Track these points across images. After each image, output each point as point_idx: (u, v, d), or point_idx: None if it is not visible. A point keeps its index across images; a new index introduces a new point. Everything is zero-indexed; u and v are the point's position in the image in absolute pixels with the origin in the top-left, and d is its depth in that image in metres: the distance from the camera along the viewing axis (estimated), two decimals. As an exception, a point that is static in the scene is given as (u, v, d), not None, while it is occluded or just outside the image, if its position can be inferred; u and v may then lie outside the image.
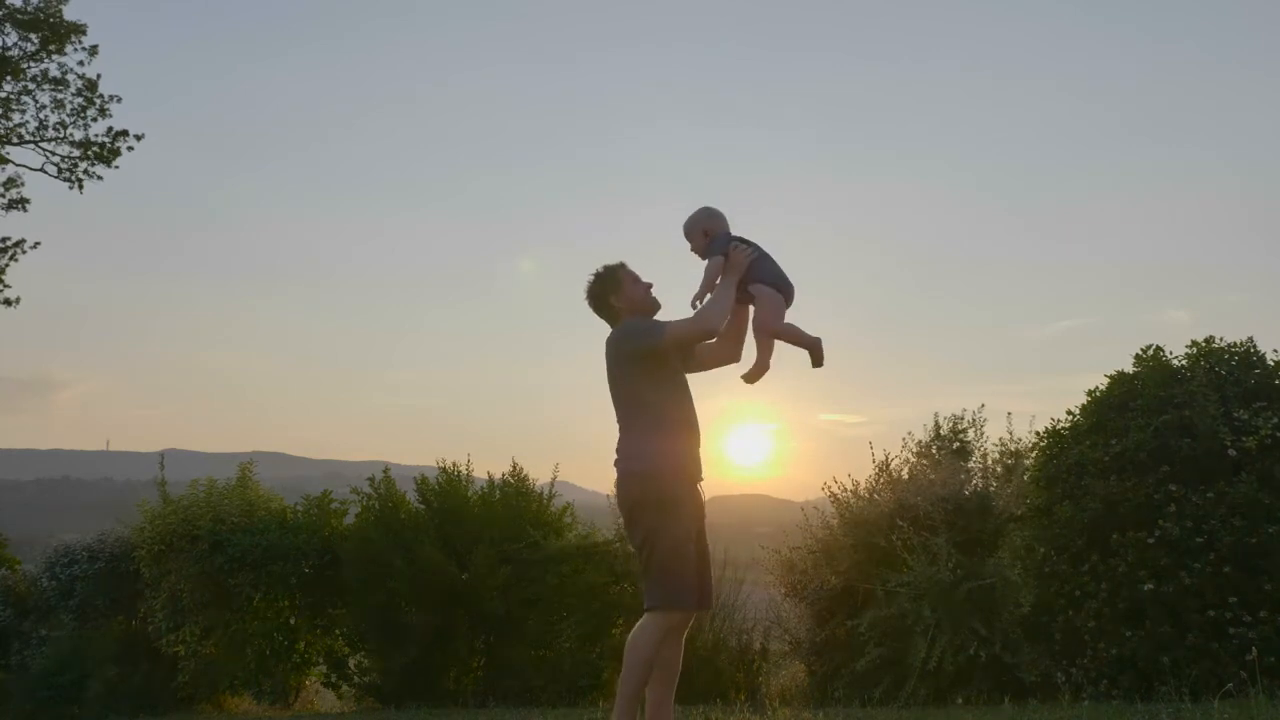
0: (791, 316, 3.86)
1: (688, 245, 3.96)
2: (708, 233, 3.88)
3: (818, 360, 3.80)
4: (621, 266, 4.01)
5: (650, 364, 3.78)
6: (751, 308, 3.88)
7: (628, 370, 3.80)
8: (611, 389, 3.86)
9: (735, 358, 3.98)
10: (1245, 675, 5.01)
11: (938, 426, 7.74)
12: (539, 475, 8.41)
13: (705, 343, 3.89)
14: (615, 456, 3.84)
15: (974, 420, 7.76)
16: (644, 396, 3.76)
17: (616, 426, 3.84)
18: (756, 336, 3.87)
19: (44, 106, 14.36)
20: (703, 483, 3.86)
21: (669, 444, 3.75)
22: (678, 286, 4.07)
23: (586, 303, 4.01)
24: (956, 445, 7.59)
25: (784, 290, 3.84)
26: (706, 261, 3.86)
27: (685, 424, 3.80)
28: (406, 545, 7.79)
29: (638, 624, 3.75)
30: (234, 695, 8.60)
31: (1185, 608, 5.49)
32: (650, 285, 3.97)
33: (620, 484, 3.80)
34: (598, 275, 3.99)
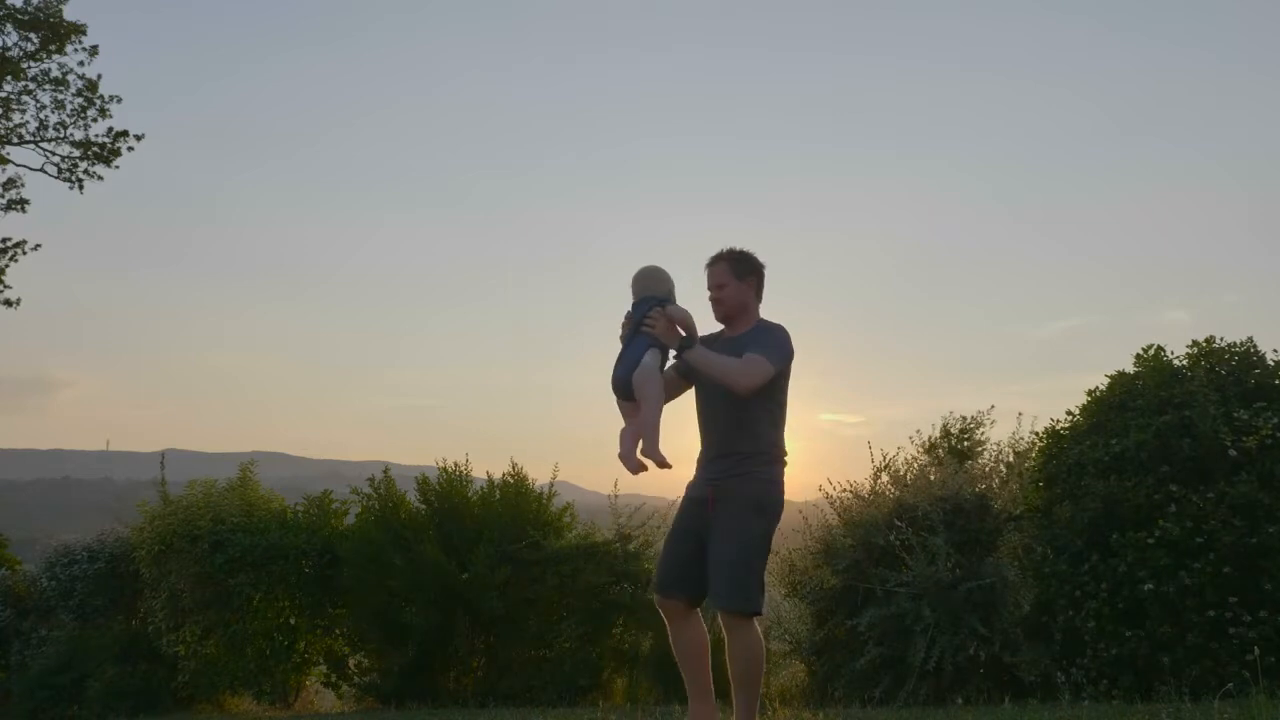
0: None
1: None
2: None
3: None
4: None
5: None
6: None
7: None
8: None
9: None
10: (1246, 675, 5.01)
11: (946, 427, 7.74)
12: (539, 475, 8.42)
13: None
14: None
15: (980, 420, 7.77)
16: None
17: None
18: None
19: (44, 107, 14.32)
20: (710, 484, 3.75)
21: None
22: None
23: None
24: (963, 446, 7.59)
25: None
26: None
27: (701, 430, 3.92)
28: (406, 545, 7.79)
29: None
30: (234, 695, 8.60)
31: (1185, 608, 5.49)
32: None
33: None
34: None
